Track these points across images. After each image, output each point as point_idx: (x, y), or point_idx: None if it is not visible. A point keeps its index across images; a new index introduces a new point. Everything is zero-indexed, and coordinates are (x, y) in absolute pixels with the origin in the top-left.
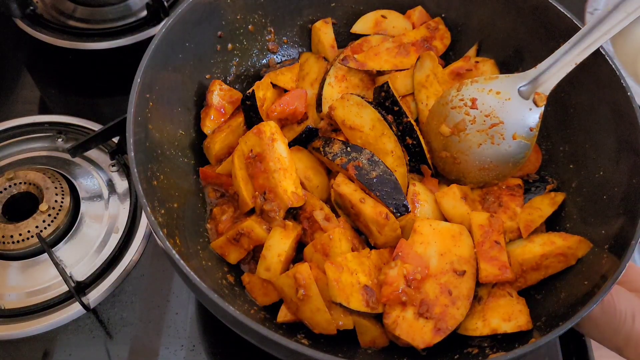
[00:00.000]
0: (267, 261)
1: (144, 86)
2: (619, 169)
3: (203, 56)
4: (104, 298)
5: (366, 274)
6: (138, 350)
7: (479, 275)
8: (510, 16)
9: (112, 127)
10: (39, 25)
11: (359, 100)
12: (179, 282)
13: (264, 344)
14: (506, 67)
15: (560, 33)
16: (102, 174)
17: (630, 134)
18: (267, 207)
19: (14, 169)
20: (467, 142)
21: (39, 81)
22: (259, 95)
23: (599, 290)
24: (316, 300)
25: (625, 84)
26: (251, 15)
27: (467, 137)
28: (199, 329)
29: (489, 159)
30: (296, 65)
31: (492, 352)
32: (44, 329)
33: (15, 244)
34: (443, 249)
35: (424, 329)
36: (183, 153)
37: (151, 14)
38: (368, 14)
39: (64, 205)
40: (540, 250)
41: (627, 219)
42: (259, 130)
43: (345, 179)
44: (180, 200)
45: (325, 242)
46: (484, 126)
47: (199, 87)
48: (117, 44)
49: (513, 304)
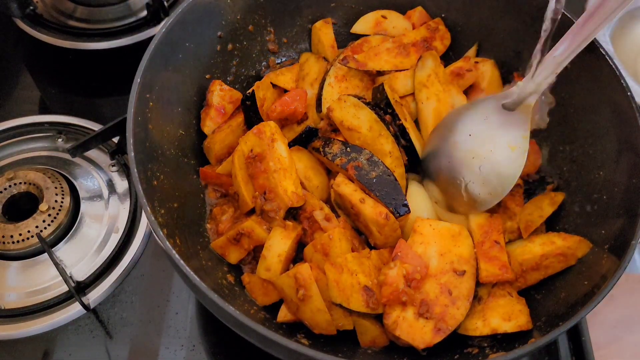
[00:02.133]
0: (267, 261)
1: (144, 86)
2: (619, 169)
3: (203, 56)
4: (104, 298)
5: (366, 274)
6: (138, 350)
7: (479, 275)
8: (510, 16)
9: (112, 127)
10: (39, 25)
11: (356, 101)
12: (179, 282)
13: (264, 344)
14: (506, 67)
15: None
16: (102, 174)
17: (630, 134)
18: (267, 207)
19: (14, 169)
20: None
21: (39, 81)
22: (259, 96)
23: (599, 290)
24: (316, 300)
25: (625, 84)
26: (251, 15)
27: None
28: (199, 329)
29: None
30: (296, 66)
31: (492, 352)
32: (44, 329)
33: (15, 244)
34: (443, 249)
35: (424, 329)
36: (183, 153)
37: (151, 14)
38: (368, 14)
39: (64, 205)
40: (540, 250)
41: (627, 219)
42: (259, 130)
43: (345, 179)
44: (180, 200)
45: (325, 242)
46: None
47: (199, 87)
48: (117, 44)
49: (513, 303)
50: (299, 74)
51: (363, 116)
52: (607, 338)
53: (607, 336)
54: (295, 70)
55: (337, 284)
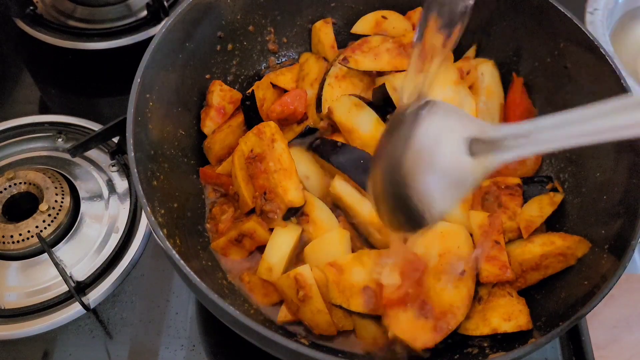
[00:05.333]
0: (268, 262)
1: (144, 86)
2: (618, 169)
3: (203, 56)
4: (104, 298)
5: (366, 274)
6: (138, 350)
7: (479, 275)
8: (510, 16)
9: (112, 127)
10: (39, 25)
11: (357, 101)
12: (179, 282)
13: (264, 344)
14: (505, 67)
15: (560, 33)
16: (102, 174)
17: None
18: (267, 207)
19: (14, 169)
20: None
21: (39, 81)
22: (259, 96)
23: (598, 290)
24: (317, 301)
25: (625, 84)
26: (251, 15)
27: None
28: (199, 329)
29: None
30: (296, 66)
31: (492, 352)
32: (44, 329)
33: (15, 244)
34: (443, 249)
35: (423, 329)
36: (183, 153)
37: (151, 14)
38: (368, 15)
39: (64, 205)
40: (540, 250)
41: (627, 219)
42: (259, 130)
43: (342, 181)
44: (180, 200)
45: (325, 242)
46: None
47: (199, 87)
48: (117, 44)
49: (513, 303)
50: (299, 74)
51: (364, 116)
52: (607, 338)
53: (607, 336)
54: (295, 71)
55: (337, 285)
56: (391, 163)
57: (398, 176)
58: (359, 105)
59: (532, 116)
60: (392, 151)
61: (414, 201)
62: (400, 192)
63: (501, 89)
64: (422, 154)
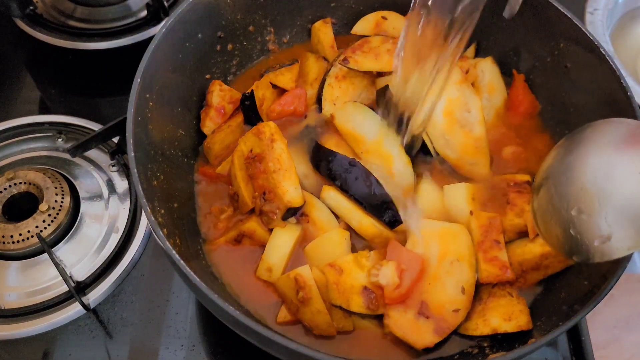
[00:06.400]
0: (267, 262)
1: (144, 86)
2: None
3: (203, 56)
4: (104, 298)
5: (366, 275)
6: (138, 350)
7: (479, 276)
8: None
9: (112, 127)
10: (39, 25)
11: (361, 107)
12: (179, 282)
13: (264, 344)
14: (505, 67)
15: (560, 33)
16: (102, 174)
17: None
18: (266, 207)
19: (14, 169)
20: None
21: (39, 81)
22: (259, 95)
23: (599, 290)
24: (316, 302)
25: (625, 84)
26: (251, 15)
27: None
28: (199, 329)
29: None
30: (296, 65)
31: (492, 352)
32: (44, 329)
33: (15, 244)
34: (443, 249)
35: (424, 329)
36: (183, 153)
37: (151, 14)
38: (369, 15)
39: (64, 205)
40: (540, 250)
41: None
42: (258, 130)
43: (332, 190)
44: (180, 200)
45: (325, 243)
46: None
47: (199, 87)
48: (117, 44)
49: (513, 304)
50: (298, 73)
51: (368, 120)
52: (607, 338)
53: (607, 336)
54: (295, 70)
55: (337, 285)
56: (559, 191)
57: (563, 208)
58: (363, 111)
59: (537, 111)
60: (559, 179)
61: (574, 233)
62: (562, 219)
63: (503, 84)
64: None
